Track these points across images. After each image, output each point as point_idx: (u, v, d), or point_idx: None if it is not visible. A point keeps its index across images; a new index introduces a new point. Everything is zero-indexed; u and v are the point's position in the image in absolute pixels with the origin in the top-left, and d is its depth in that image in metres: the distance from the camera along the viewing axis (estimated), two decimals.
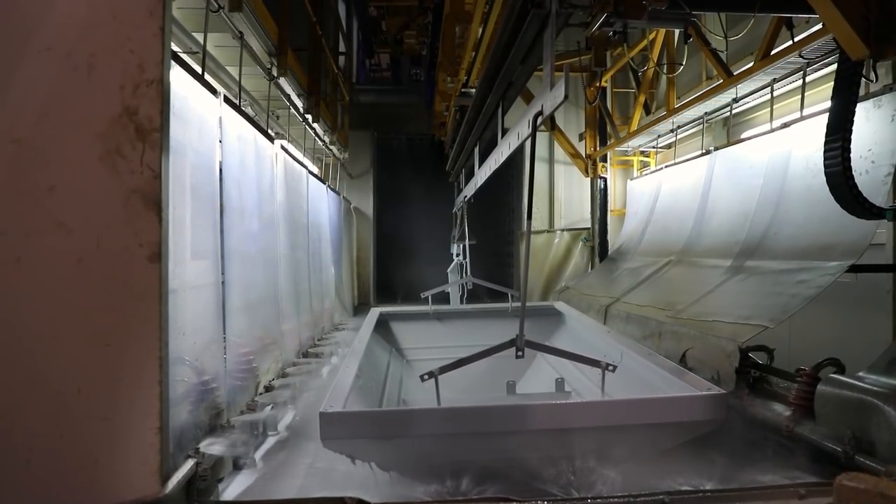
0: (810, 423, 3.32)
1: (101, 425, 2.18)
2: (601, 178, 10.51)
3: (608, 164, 10.49)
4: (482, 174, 6.40)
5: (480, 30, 6.38)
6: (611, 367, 3.32)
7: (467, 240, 8.79)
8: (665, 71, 7.79)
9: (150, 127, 2.20)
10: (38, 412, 2.17)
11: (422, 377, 3.16)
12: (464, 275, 8.60)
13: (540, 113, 3.33)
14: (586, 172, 10.62)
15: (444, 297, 7.88)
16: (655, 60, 7.84)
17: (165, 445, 2.24)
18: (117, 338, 2.20)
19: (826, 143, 3.71)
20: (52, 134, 2.18)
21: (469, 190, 7.79)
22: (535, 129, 3.42)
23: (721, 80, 6.45)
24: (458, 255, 9.24)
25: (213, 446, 3.08)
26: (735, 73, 6.13)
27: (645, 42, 8.02)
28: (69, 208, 2.18)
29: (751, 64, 5.99)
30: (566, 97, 2.96)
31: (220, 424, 3.43)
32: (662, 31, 7.67)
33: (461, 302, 8.26)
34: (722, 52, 6.32)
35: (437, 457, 3.02)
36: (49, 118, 2.18)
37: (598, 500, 2.50)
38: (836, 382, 3.22)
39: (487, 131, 6.02)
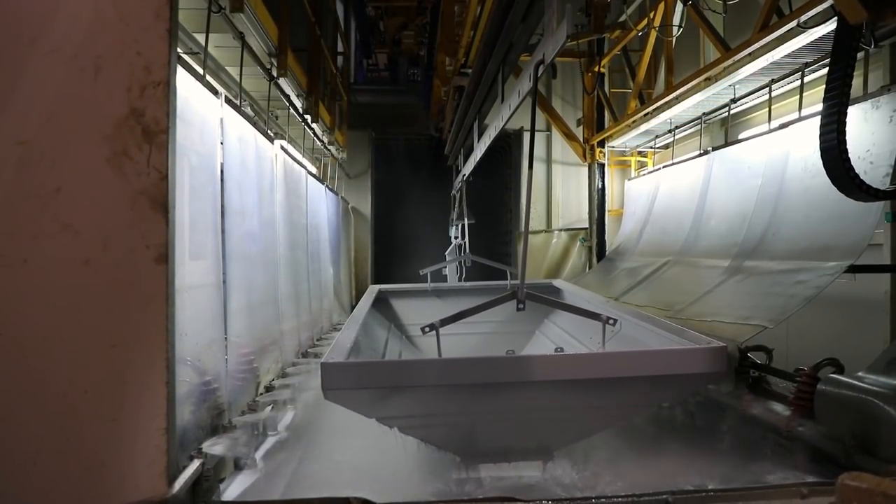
0: (810, 422, 3.34)
1: (108, 426, 2.18)
2: (599, 164, 10.38)
3: (605, 151, 10.33)
4: (482, 146, 6.36)
5: (479, 8, 6.44)
6: (611, 321, 3.31)
7: (466, 219, 8.78)
8: (664, 34, 7.66)
9: (156, 129, 2.20)
10: (44, 413, 2.17)
11: (423, 329, 3.18)
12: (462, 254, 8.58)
13: (542, 62, 3.26)
14: (584, 157, 10.54)
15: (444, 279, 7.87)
16: (658, 23, 7.68)
17: (172, 446, 2.24)
18: (124, 339, 2.21)
19: (824, 109, 3.57)
20: (58, 136, 2.18)
21: (468, 167, 7.72)
22: (536, 80, 3.34)
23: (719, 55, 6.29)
24: (456, 237, 9.21)
25: (215, 446, 3.09)
26: (733, 48, 5.96)
27: (645, 22, 7.98)
28: (76, 210, 2.18)
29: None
30: (568, 37, 2.89)
31: (222, 425, 3.43)
32: (661, 10, 7.59)
33: (459, 281, 8.24)
34: (722, 14, 6.22)
35: (437, 411, 3.01)
36: (56, 120, 2.18)
37: (602, 500, 2.51)
38: (836, 382, 3.24)
39: (487, 103, 5.99)
